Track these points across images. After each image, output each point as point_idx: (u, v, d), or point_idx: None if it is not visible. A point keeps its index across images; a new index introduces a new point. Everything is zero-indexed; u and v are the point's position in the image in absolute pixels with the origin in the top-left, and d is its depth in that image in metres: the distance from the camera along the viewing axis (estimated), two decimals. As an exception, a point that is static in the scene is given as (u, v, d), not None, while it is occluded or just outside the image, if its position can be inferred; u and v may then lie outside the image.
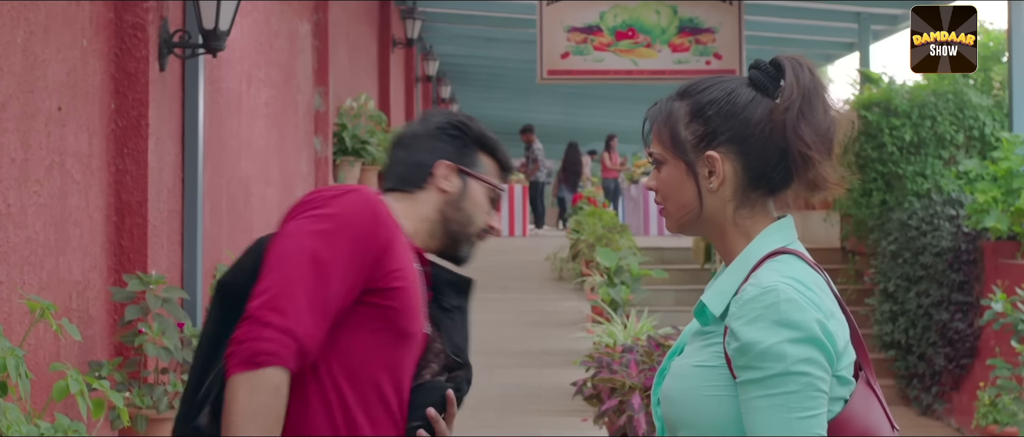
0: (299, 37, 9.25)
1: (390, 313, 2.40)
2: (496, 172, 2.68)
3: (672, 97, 2.12)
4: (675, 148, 2.06)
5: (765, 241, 2.03)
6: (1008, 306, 7.99)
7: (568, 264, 13.87)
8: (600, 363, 6.23)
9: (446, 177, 2.60)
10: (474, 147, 2.65)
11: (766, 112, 2.02)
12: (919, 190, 10.89)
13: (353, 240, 2.34)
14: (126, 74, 5.35)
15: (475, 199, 2.63)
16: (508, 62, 19.42)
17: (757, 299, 1.90)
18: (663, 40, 12.02)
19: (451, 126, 2.65)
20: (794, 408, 1.85)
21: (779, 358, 1.85)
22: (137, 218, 5.36)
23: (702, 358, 1.99)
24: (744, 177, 2.04)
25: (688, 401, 1.98)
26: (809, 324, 1.87)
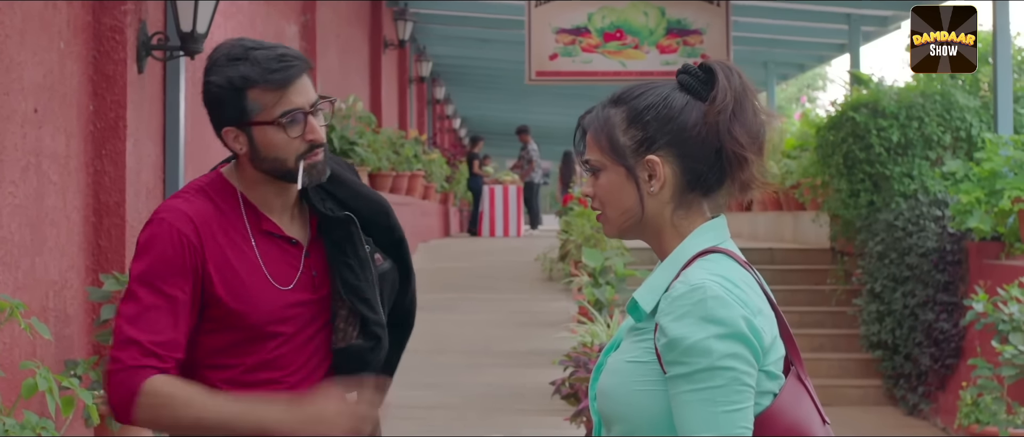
0: (286, 39, 9.29)
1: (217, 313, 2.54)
2: (270, 95, 2.52)
3: (606, 104, 2.14)
4: (614, 154, 2.09)
5: (697, 240, 2.08)
6: (989, 306, 8.03)
7: (557, 265, 13.90)
8: (578, 362, 6.27)
9: (236, 140, 2.55)
10: (238, 94, 2.51)
11: (700, 115, 2.06)
12: (906, 191, 10.93)
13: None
14: (104, 76, 5.40)
15: (267, 142, 2.52)
16: (502, 63, 19.46)
17: (685, 296, 1.95)
18: (651, 41, 12.07)
19: (209, 93, 2.57)
20: (720, 402, 1.89)
21: (705, 353, 1.90)
22: (115, 218, 5.41)
23: (635, 354, 2.03)
24: (682, 179, 2.08)
25: (621, 396, 2.02)
26: (735, 320, 1.92)
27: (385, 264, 2.73)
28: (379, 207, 2.75)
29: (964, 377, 9.08)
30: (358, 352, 2.61)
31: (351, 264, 2.62)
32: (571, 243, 12.75)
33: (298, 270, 2.60)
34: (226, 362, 2.57)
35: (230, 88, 2.51)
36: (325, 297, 2.63)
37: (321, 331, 2.63)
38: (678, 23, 12.08)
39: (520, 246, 18.07)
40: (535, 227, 23.34)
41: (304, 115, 2.54)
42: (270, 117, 2.51)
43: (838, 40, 15.63)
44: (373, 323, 2.62)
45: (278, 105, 2.51)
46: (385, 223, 2.75)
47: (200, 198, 2.58)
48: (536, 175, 23.48)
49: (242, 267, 2.55)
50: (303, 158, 2.54)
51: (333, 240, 2.64)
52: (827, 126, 12.01)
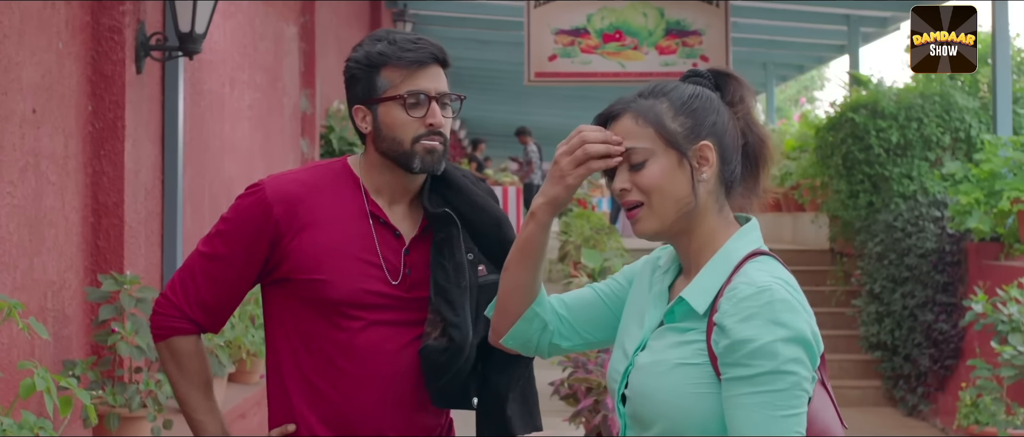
0: (285, 39, 9.28)
1: (297, 286, 2.63)
2: (400, 73, 2.62)
3: (641, 97, 2.13)
4: (667, 140, 2.07)
5: (742, 241, 2.09)
6: (988, 307, 8.02)
7: (557, 265, 13.91)
8: (576, 363, 6.26)
9: (363, 119, 2.67)
10: (372, 71, 2.63)
11: (728, 112, 2.12)
12: (905, 192, 10.92)
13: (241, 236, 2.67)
14: (102, 76, 5.40)
15: (389, 120, 2.62)
16: (501, 64, 19.45)
17: (753, 298, 1.93)
18: (650, 42, 12.06)
19: (348, 69, 2.69)
20: (780, 406, 1.89)
21: (772, 356, 1.89)
22: (114, 219, 5.40)
23: (682, 355, 2.01)
24: (718, 170, 2.10)
25: (668, 399, 1.99)
26: (800, 325, 1.92)
27: (491, 276, 2.71)
28: (491, 219, 2.74)
29: (963, 378, 9.08)
30: (430, 352, 2.61)
31: (446, 266, 2.64)
32: (570, 244, 12.77)
33: (398, 264, 2.64)
34: (315, 345, 2.62)
35: (366, 64, 2.62)
36: (421, 299, 2.65)
37: (406, 328, 2.64)
38: (677, 24, 12.07)
39: (520, 247, 18.01)
40: (535, 228, 23.25)
41: (428, 99, 2.61)
42: (396, 93, 2.60)
43: (837, 41, 15.62)
44: (451, 325, 2.61)
45: (405, 84, 2.60)
46: (496, 236, 2.72)
47: (312, 173, 2.70)
48: (536, 176, 23.46)
49: (341, 245, 2.60)
50: (420, 141, 2.59)
51: (436, 241, 2.67)
52: (826, 127, 12.01)
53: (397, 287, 2.63)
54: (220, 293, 2.68)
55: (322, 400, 2.62)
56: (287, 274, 2.62)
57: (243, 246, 2.63)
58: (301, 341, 2.64)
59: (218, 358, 5.57)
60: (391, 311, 2.62)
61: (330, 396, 2.61)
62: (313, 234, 2.60)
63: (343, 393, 2.61)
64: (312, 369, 2.63)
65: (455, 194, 2.70)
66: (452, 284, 2.62)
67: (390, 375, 2.62)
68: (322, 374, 2.62)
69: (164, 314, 2.71)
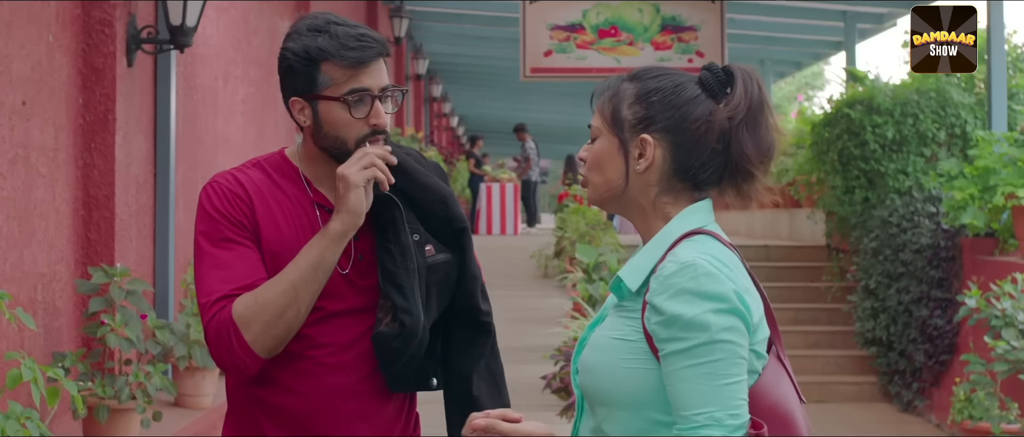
0: (280, 34, 9.28)
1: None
2: (342, 71, 2.52)
3: (624, 77, 2.20)
4: (613, 124, 2.14)
5: (682, 222, 2.11)
6: (982, 302, 8.01)
7: (553, 261, 13.92)
8: (568, 357, 6.27)
9: (301, 112, 2.56)
10: (312, 65, 2.52)
11: (706, 112, 2.10)
12: (900, 188, 10.91)
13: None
14: (93, 69, 5.40)
15: (331, 119, 2.53)
16: (498, 61, 19.45)
17: (677, 273, 1.97)
18: (646, 38, 12.05)
19: (284, 58, 2.56)
20: (721, 375, 1.93)
21: (704, 328, 1.93)
22: (104, 212, 5.41)
23: (620, 332, 2.06)
24: (671, 167, 2.12)
25: (606, 373, 2.04)
26: (729, 295, 1.95)
27: (439, 256, 2.67)
28: (436, 196, 2.68)
29: (958, 373, 9.07)
30: (383, 339, 2.56)
31: (391, 249, 2.59)
32: (566, 240, 12.77)
33: (349, 252, 2.58)
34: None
35: (305, 58, 2.51)
36: (372, 285, 2.60)
37: (363, 317, 2.60)
38: (673, 20, 12.07)
39: (516, 244, 18.08)
40: (532, 225, 23.33)
41: (372, 98, 2.54)
42: (337, 93, 2.51)
43: (834, 37, 15.61)
44: (400, 310, 2.56)
45: (347, 83, 2.51)
46: (443, 214, 2.68)
47: (254, 170, 2.61)
48: (534, 173, 23.48)
49: (293, 235, 2.55)
50: (364, 142, 2.53)
51: (378, 224, 2.61)
52: (822, 123, 12.00)
53: (348, 273, 2.58)
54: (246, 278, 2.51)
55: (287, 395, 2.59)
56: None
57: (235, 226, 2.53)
58: None
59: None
60: (345, 299, 2.58)
61: (293, 388, 2.57)
62: (265, 227, 2.55)
63: (304, 384, 2.57)
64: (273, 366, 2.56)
65: (399, 175, 2.62)
66: (399, 267, 2.57)
67: (350, 363, 2.58)
68: (279, 367, 2.56)
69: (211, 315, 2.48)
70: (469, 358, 2.74)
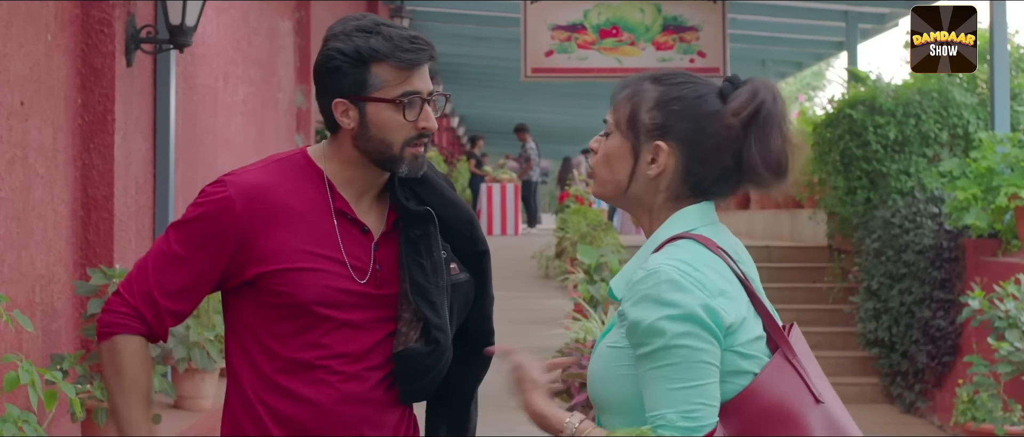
0: (280, 34, 9.25)
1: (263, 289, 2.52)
2: (395, 73, 2.49)
3: (646, 78, 2.20)
4: (630, 125, 2.15)
5: (670, 227, 2.13)
6: (985, 303, 7.98)
7: (553, 262, 13.89)
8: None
9: (345, 114, 2.51)
10: (362, 67, 2.48)
11: (723, 125, 2.10)
12: (903, 188, 10.88)
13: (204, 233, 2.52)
14: (92, 69, 5.37)
15: (380, 121, 2.49)
16: (499, 61, 19.41)
17: (642, 281, 2.02)
18: (647, 38, 12.02)
19: (331, 59, 2.51)
20: (675, 379, 1.96)
21: (659, 333, 1.97)
22: (103, 212, 5.37)
23: (615, 339, 2.09)
24: (681, 176, 2.13)
25: (604, 381, 2.09)
26: (686, 302, 1.98)
27: (461, 275, 2.64)
28: (464, 216, 2.67)
29: (961, 374, 9.03)
30: (415, 356, 2.54)
31: (424, 264, 2.56)
32: (567, 240, 12.74)
33: (367, 260, 2.55)
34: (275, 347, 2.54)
35: (355, 58, 2.48)
36: (390, 296, 2.57)
37: (378, 327, 2.57)
38: (674, 20, 12.03)
39: (517, 244, 18.05)
40: (533, 226, 23.32)
41: (422, 101, 2.51)
42: (390, 95, 2.48)
43: (836, 38, 15.58)
44: (434, 327, 2.54)
45: (401, 85, 2.49)
46: (468, 234, 2.67)
47: (273, 171, 2.56)
48: (534, 173, 23.45)
49: (307, 243, 2.50)
50: (410, 145, 2.51)
51: (409, 238, 2.58)
52: (824, 123, 11.97)
53: (366, 285, 2.54)
54: (176, 295, 2.52)
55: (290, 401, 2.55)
56: (253, 277, 2.51)
57: (205, 246, 2.49)
58: (265, 344, 2.54)
59: (208, 352, 5.54)
60: (360, 310, 2.54)
61: (305, 397, 2.53)
62: (279, 234, 2.49)
63: (318, 392, 2.53)
64: (278, 372, 2.54)
65: (427, 190, 2.62)
66: (432, 284, 2.54)
67: (363, 372, 2.55)
68: (290, 375, 2.53)
69: (113, 310, 2.53)
70: (470, 377, 2.73)
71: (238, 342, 2.59)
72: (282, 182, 2.54)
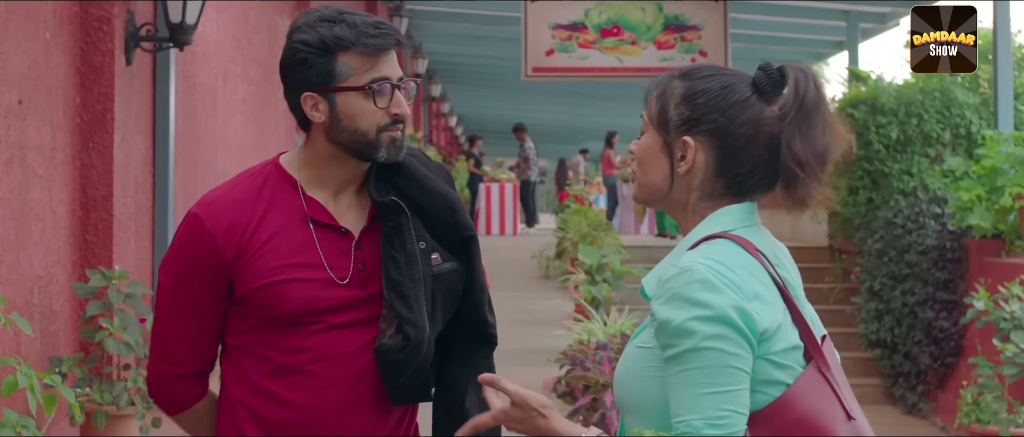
0: (279, 33, 9.19)
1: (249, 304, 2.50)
2: (362, 60, 2.43)
3: (674, 74, 2.14)
4: (659, 122, 2.09)
5: (708, 225, 2.05)
6: (990, 304, 7.93)
7: (554, 262, 13.84)
8: (574, 360, 6.19)
9: (314, 108, 2.46)
10: (329, 56, 2.42)
11: (756, 115, 2.02)
12: (905, 188, 10.83)
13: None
14: (91, 67, 5.30)
15: (351, 110, 2.43)
16: (498, 60, 19.38)
17: (673, 279, 1.93)
18: (648, 37, 11.97)
19: (297, 52, 2.45)
20: (702, 383, 1.87)
21: (689, 335, 1.88)
22: (102, 213, 5.31)
23: (644, 339, 2.02)
24: (714, 171, 2.05)
25: (630, 382, 2.01)
26: (719, 303, 1.89)
27: (445, 264, 2.56)
28: (444, 202, 2.58)
29: (964, 376, 8.99)
30: (387, 352, 2.46)
31: (396, 258, 2.48)
32: (568, 240, 12.69)
33: (348, 262, 2.49)
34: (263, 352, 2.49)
35: (320, 48, 2.42)
36: (375, 295, 2.50)
37: (366, 328, 2.50)
38: (676, 19, 11.98)
39: (517, 244, 18.01)
40: (531, 225, 23.28)
41: (392, 87, 2.45)
42: (359, 83, 2.43)
43: (836, 37, 15.54)
44: (405, 322, 2.46)
45: (369, 72, 2.43)
46: (450, 220, 2.58)
47: (244, 187, 2.50)
48: (533, 173, 23.41)
49: (285, 256, 2.45)
50: (384, 131, 2.45)
51: (385, 231, 2.51)
52: (825, 123, 11.92)
53: (350, 287, 2.47)
54: (204, 332, 2.53)
55: (281, 407, 2.49)
56: (239, 295, 2.47)
57: (199, 279, 2.48)
58: (254, 351, 2.50)
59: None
60: (348, 312, 2.48)
61: (290, 401, 2.48)
62: (258, 252, 2.44)
63: (302, 399, 2.47)
64: (267, 377, 2.49)
65: (404, 178, 2.54)
66: (405, 277, 2.47)
67: (351, 376, 2.48)
68: (280, 381, 2.48)
69: (168, 390, 2.59)
70: (467, 369, 2.63)
71: (226, 354, 2.57)
72: (254, 197, 2.48)
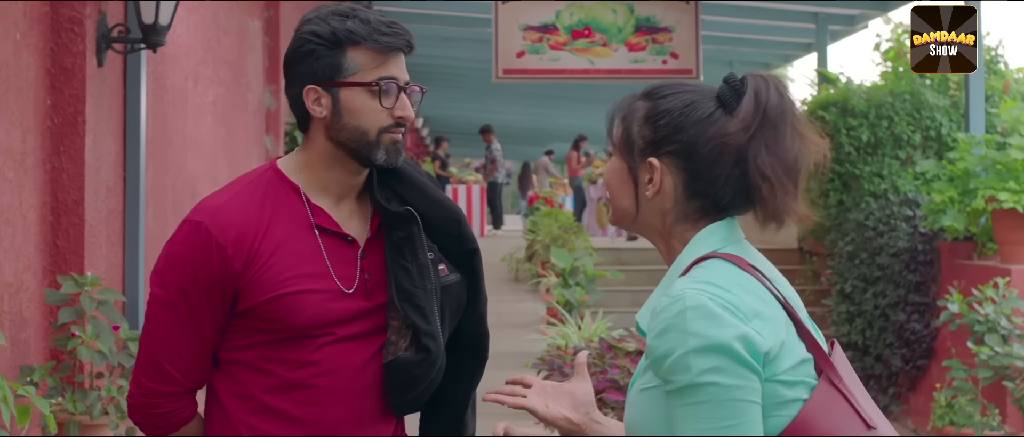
0: (249, 34, 9.09)
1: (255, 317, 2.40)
2: (371, 57, 2.39)
3: (637, 94, 2.04)
4: (624, 147, 2.01)
5: (694, 248, 1.96)
6: (964, 307, 7.95)
7: (524, 265, 13.78)
8: (552, 366, 6.12)
9: (317, 101, 2.40)
10: (338, 49, 2.37)
11: (720, 131, 1.92)
12: (876, 191, 10.85)
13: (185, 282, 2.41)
14: (62, 69, 5.19)
15: (354, 107, 2.38)
16: (466, 62, 19.30)
17: (667, 309, 1.83)
18: (619, 39, 11.93)
19: (305, 42, 2.40)
20: (706, 419, 1.77)
21: (685, 369, 1.78)
22: (74, 218, 5.20)
23: (646, 380, 1.91)
24: (684, 192, 1.96)
25: (640, 427, 1.91)
26: (714, 332, 1.78)
27: (451, 276, 2.52)
28: (450, 213, 2.54)
29: (936, 378, 9.00)
30: (405, 366, 2.41)
31: (409, 268, 2.42)
32: (538, 243, 12.64)
33: (354, 272, 2.42)
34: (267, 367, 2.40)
35: (331, 40, 2.37)
36: (381, 306, 2.44)
37: (373, 340, 2.44)
38: (647, 20, 11.95)
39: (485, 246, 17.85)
40: (498, 227, 23.23)
41: (399, 89, 2.39)
42: (366, 79, 2.37)
43: (805, 39, 15.56)
44: (424, 334, 2.41)
45: (377, 70, 2.38)
46: (456, 232, 2.54)
47: (246, 194, 2.42)
48: (500, 175, 23.37)
49: (293, 266, 2.37)
50: (385, 132, 2.38)
51: (393, 241, 2.44)
52: (795, 125, 11.92)
53: (357, 298, 2.41)
54: (203, 347, 2.42)
55: (287, 424, 2.41)
56: (245, 308, 2.38)
57: (204, 291, 2.36)
58: (257, 366, 2.42)
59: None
60: (355, 324, 2.42)
61: (297, 417, 2.40)
62: (267, 262, 2.36)
63: (310, 414, 2.41)
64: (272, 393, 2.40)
65: (408, 189, 2.49)
66: (418, 288, 2.42)
67: (358, 390, 2.42)
68: (285, 396, 2.40)
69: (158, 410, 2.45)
70: (465, 385, 2.61)
71: (222, 369, 2.46)
72: (259, 204, 2.40)
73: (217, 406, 2.47)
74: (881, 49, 11.74)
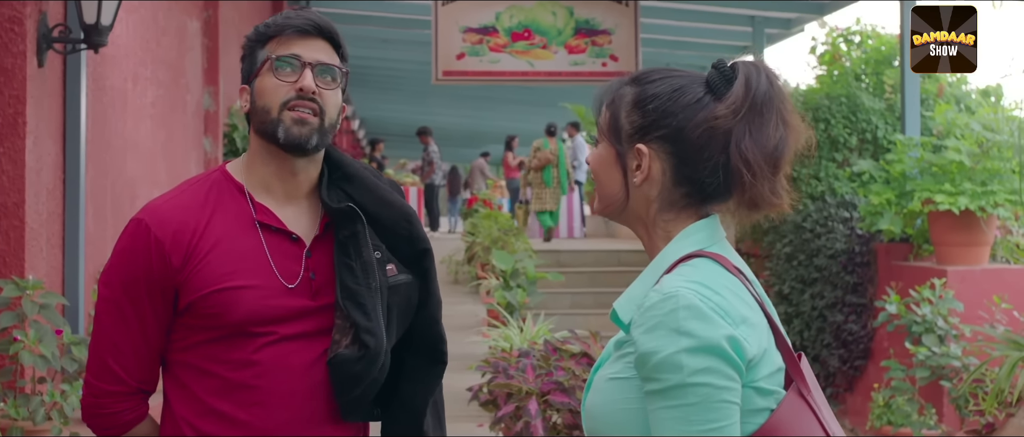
0: (188, 35, 9.00)
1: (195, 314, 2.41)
2: (279, 44, 2.44)
3: (625, 80, 2.03)
4: (611, 132, 1.99)
5: (681, 243, 1.94)
6: (902, 308, 8.05)
7: (463, 267, 13.76)
8: (496, 368, 6.11)
9: (244, 98, 2.49)
10: (259, 46, 2.46)
11: (709, 116, 1.91)
12: (813, 192, 10.94)
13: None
14: (2, 70, 5.12)
15: (260, 89, 2.44)
16: (405, 63, 19.24)
17: (657, 306, 1.80)
18: (559, 41, 11.94)
19: (243, 48, 2.51)
20: (695, 421, 1.75)
21: (676, 369, 1.76)
22: (14, 220, 5.12)
23: (617, 370, 1.89)
24: (671, 179, 1.95)
25: (605, 416, 1.88)
26: (708, 332, 1.77)
27: (401, 276, 2.51)
28: (401, 213, 2.54)
29: (873, 378, 9.10)
30: (343, 362, 2.38)
31: (352, 266, 2.41)
32: (478, 245, 12.62)
33: (298, 269, 2.41)
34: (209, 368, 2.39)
35: (255, 39, 2.46)
36: (327, 306, 2.43)
37: (318, 340, 2.42)
38: (586, 23, 11.97)
39: (423, 248, 17.87)
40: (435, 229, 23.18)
41: (302, 64, 2.40)
42: (266, 57, 2.43)
43: (742, 42, 15.67)
44: (363, 330, 2.39)
45: (280, 51, 2.42)
46: (406, 232, 2.54)
47: (190, 194, 2.43)
48: (437, 177, 23.32)
49: (233, 262, 2.37)
50: (287, 107, 2.38)
51: (339, 239, 2.44)
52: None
53: (300, 295, 2.41)
54: (148, 346, 2.43)
55: (231, 426, 2.39)
56: (185, 304, 2.39)
57: (145, 288, 2.38)
58: (200, 367, 2.41)
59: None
60: (298, 323, 2.40)
61: (240, 420, 2.38)
62: (205, 258, 2.37)
63: (253, 416, 2.39)
64: (215, 395, 2.39)
65: (357, 189, 2.50)
66: (361, 286, 2.41)
67: (305, 391, 2.40)
68: (228, 398, 2.38)
69: (107, 410, 2.46)
70: (423, 390, 2.58)
71: (169, 371, 2.46)
72: (201, 202, 2.42)
73: (167, 409, 2.47)
74: (817, 52, 11.85)
